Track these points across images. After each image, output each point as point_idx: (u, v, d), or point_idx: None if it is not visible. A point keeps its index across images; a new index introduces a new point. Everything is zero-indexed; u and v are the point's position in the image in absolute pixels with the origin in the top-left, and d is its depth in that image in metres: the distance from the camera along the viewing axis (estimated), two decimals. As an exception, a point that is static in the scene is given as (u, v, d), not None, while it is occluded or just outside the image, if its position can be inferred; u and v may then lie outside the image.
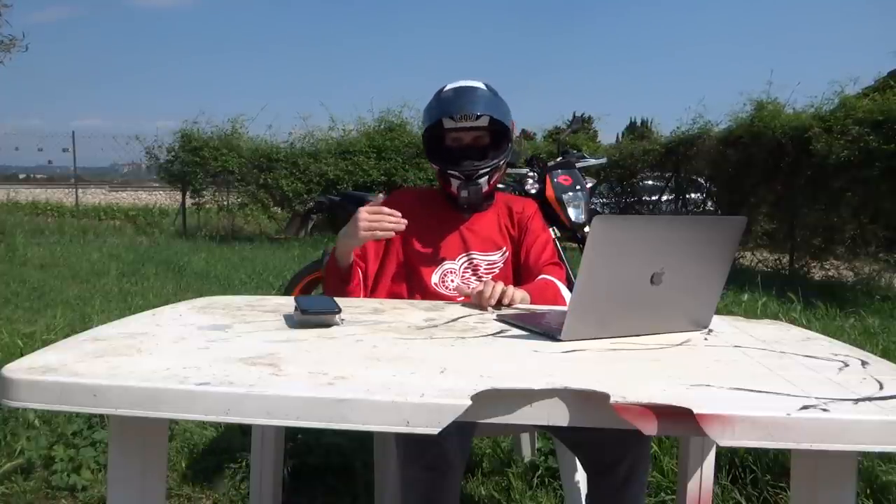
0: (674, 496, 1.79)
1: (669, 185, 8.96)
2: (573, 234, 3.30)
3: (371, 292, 1.58)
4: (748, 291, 4.47)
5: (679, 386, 0.85)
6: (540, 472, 1.97)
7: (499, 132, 1.58)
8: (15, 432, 2.13)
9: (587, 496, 1.34)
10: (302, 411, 0.77)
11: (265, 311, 1.26)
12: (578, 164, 3.40)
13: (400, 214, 1.43)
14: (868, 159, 5.60)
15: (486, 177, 1.58)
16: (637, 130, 20.38)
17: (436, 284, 1.56)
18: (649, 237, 1.07)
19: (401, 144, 9.51)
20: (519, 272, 1.62)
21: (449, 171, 1.57)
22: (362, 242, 1.45)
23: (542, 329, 1.12)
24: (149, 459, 0.93)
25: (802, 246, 6.74)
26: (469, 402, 0.77)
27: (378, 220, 1.42)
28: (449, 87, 1.59)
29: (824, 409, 0.77)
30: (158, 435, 0.95)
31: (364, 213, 1.42)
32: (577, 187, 3.27)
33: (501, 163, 1.61)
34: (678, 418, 0.76)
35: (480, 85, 1.59)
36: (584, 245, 1.04)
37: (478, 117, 1.54)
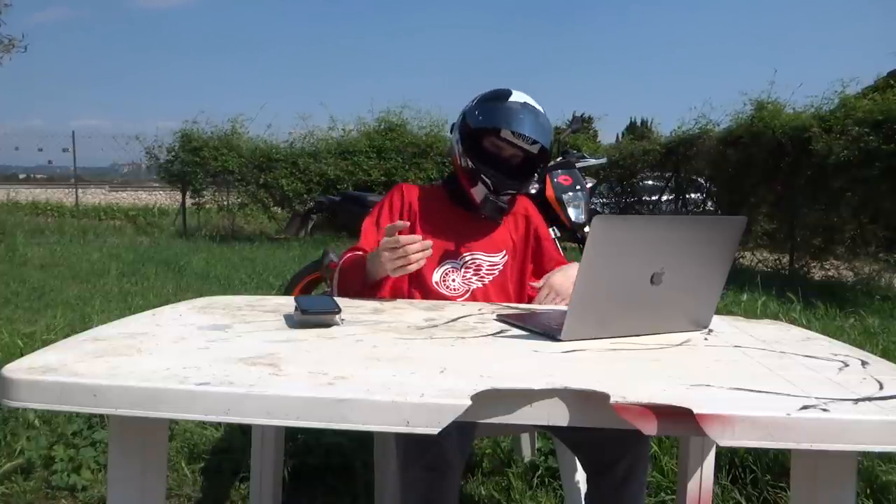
0: (674, 496, 1.79)
1: (669, 185, 8.97)
2: (573, 234, 3.31)
3: None
4: (748, 291, 4.47)
5: (679, 386, 0.85)
6: (540, 472, 1.97)
7: (535, 159, 1.59)
8: (15, 432, 2.13)
9: (587, 496, 1.34)
10: (302, 411, 0.77)
11: (265, 311, 1.26)
12: (578, 164, 3.40)
13: (420, 238, 1.35)
14: (868, 159, 5.60)
15: (511, 197, 1.59)
16: (637, 130, 20.40)
17: (436, 283, 1.56)
18: (649, 237, 1.07)
19: (401, 144, 9.51)
20: (523, 275, 1.63)
21: (483, 175, 1.56)
22: (398, 275, 1.40)
23: (542, 329, 1.12)
24: (149, 459, 0.93)
25: (802, 246, 6.74)
26: (469, 402, 0.77)
27: (402, 254, 1.33)
28: (515, 98, 1.56)
29: (824, 409, 0.77)
30: (158, 435, 0.95)
31: (385, 254, 1.35)
32: (577, 187, 3.27)
33: (528, 188, 1.62)
34: (678, 418, 0.76)
35: (542, 110, 1.58)
36: (584, 245, 1.04)
37: (533, 143, 1.55)
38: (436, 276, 1.57)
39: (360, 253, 1.51)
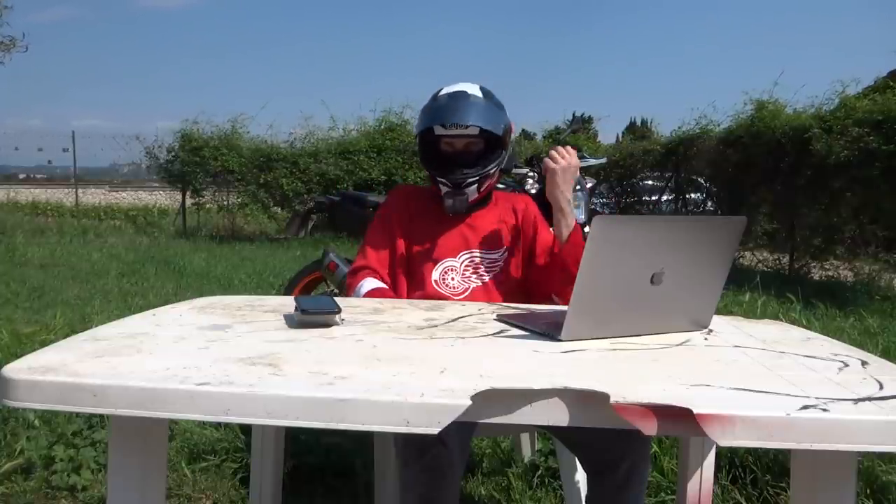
0: (674, 496, 1.79)
1: (669, 185, 8.97)
2: (573, 234, 3.30)
3: None
4: (748, 291, 4.46)
5: (679, 386, 0.85)
6: (540, 472, 1.97)
7: (493, 139, 1.58)
8: (15, 432, 2.13)
9: (587, 496, 1.34)
10: (302, 411, 0.77)
11: (265, 311, 1.25)
12: (578, 165, 3.39)
13: None
14: (868, 159, 5.59)
15: (475, 185, 1.58)
16: (637, 130, 20.41)
17: (436, 282, 1.56)
18: (649, 237, 1.07)
19: (401, 144, 9.51)
20: (522, 270, 1.63)
21: (437, 178, 1.58)
22: None
23: (542, 329, 1.12)
24: (149, 459, 0.93)
25: (802, 246, 6.73)
26: (469, 402, 0.77)
27: None
28: (444, 91, 1.59)
29: (824, 409, 0.77)
30: (158, 435, 0.95)
31: None
32: (577, 187, 3.26)
33: (493, 170, 1.60)
34: (678, 418, 0.76)
35: (476, 91, 1.57)
36: (584, 245, 1.04)
37: (467, 127, 1.54)
38: (435, 275, 1.57)
39: (384, 287, 1.56)
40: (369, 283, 1.55)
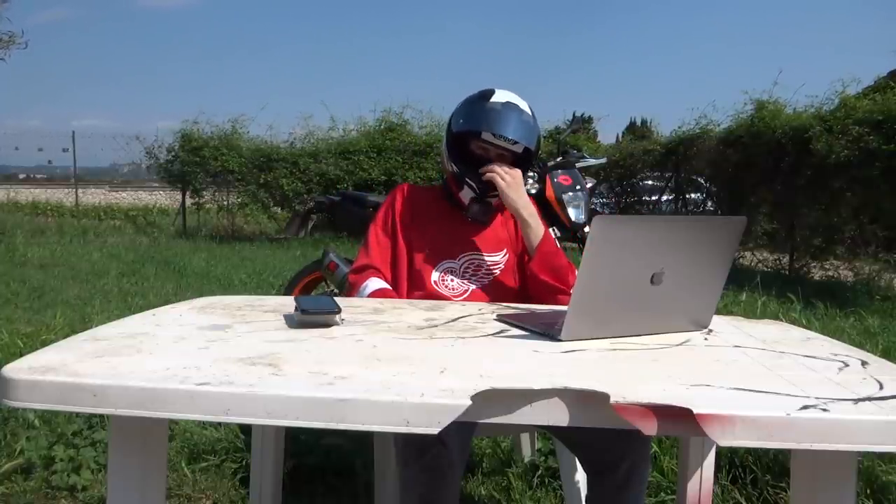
0: (674, 496, 1.79)
1: (669, 185, 8.97)
2: (573, 234, 3.31)
3: None
4: (748, 291, 4.46)
5: (679, 386, 0.85)
6: (540, 472, 1.97)
7: (523, 159, 1.60)
8: (15, 432, 2.13)
9: (587, 496, 1.34)
10: (302, 411, 0.77)
11: (265, 311, 1.25)
12: (578, 164, 3.40)
13: None
14: (868, 159, 5.59)
15: (497, 197, 1.59)
16: (637, 130, 20.43)
17: (435, 283, 1.56)
18: (649, 237, 1.07)
19: (401, 144, 9.51)
20: (523, 272, 1.63)
21: (467, 179, 1.57)
22: None
23: (542, 329, 1.12)
24: (149, 459, 0.93)
25: (802, 246, 6.73)
26: (469, 402, 0.77)
27: None
28: (497, 97, 1.57)
29: (824, 409, 0.77)
30: (158, 435, 0.95)
31: None
32: (577, 187, 3.27)
33: None
34: (678, 418, 0.76)
35: (525, 107, 1.58)
36: (584, 245, 1.04)
37: (515, 143, 1.55)
38: (434, 276, 1.57)
39: (389, 288, 1.55)
40: (374, 283, 1.55)
